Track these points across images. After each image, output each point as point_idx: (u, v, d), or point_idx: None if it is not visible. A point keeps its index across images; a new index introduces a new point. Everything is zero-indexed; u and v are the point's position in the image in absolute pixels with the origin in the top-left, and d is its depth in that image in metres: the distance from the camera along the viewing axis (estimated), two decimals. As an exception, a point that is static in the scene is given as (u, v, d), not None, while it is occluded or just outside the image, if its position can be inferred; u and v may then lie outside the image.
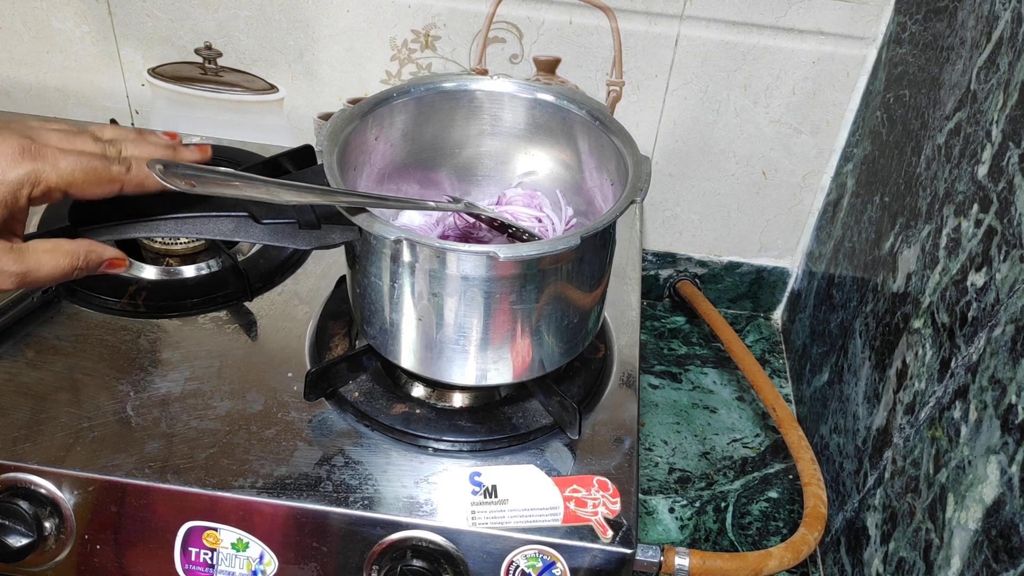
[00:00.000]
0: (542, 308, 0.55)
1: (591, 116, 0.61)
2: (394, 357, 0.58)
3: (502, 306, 0.53)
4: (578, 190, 0.66)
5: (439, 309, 0.54)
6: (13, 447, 0.57)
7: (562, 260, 0.53)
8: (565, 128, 0.63)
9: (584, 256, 0.55)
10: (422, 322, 0.55)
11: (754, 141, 0.84)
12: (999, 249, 0.49)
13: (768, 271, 0.94)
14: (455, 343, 0.55)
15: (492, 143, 0.66)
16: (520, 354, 0.57)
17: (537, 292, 0.54)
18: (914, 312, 0.60)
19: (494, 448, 0.60)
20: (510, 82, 0.63)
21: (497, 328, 0.55)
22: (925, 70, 0.65)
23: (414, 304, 0.54)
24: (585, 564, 0.55)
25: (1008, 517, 0.44)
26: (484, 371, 0.57)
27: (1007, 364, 0.46)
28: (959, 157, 0.57)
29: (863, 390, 0.68)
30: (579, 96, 0.63)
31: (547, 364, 0.59)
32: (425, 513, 0.55)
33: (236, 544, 0.56)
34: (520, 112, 0.64)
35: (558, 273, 0.54)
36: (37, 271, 0.46)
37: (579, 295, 0.57)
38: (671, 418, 0.84)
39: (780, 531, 0.74)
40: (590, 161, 0.63)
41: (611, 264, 0.60)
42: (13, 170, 0.44)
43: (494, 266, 0.51)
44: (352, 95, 0.86)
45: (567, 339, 0.59)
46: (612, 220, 0.52)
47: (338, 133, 0.57)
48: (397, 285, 0.54)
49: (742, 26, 0.77)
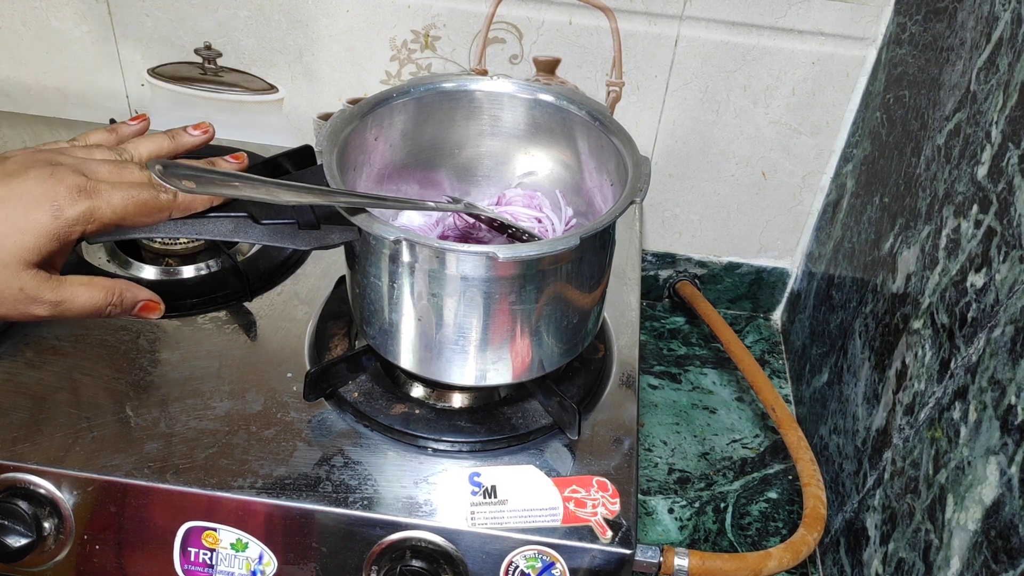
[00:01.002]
0: (542, 308, 0.55)
1: (591, 116, 0.61)
2: (394, 357, 0.58)
3: (501, 306, 0.53)
4: (578, 191, 0.66)
5: (438, 309, 0.54)
6: (12, 447, 0.56)
7: (562, 260, 0.53)
8: (565, 129, 0.63)
9: (584, 256, 0.55)
10: (421, 322, 0.55)
11: (754, 142, 0.84)
12: (999, 250, 0.49)
13: (768, 272, 0.94)
14: (454, 343, 0.55)
15: (492, 143, 0.66)
16: (519, 354, 0.57)
17: (537, 292, 0.54)
18: (914, 313, 0.60)
19: (493, 448, 0.60)
20: (510, 82, 0.63)
21: (496, 328, 0.55)
22: (925, 71, 0.65)
23: (413, 304, 0.54)
24: (584, 564, 0.55)
25: (1007, 518, 0.44)
26: (483, 371, 0.57)
27: (1007, 365, 0.46)
28: (959, 158, 0.57)
29: (863, 391, 0.68)
30: (579, 96, 0.63)
31: (547, 364, 0.59)
32: (424, 513, 0.55)
33: (235, 544, 0.56)
34: (520, 112, 0.64)
35: (558, 273, 0.54)
36: (72, 302, 0.48)
37: (579, 295, 0.57)
38: (670, 418, 0.84)
39: (779, 532, 0.74)
40: (590, 162, 0.63)
41: (611, 264, 0.60)
42: (71, 208, 0.45)
43: (493, 266, 0.51)
44: (352, 95, 0.86)
45: (567, 339, 0.59)
46: (612, 221, 0.52)
47: (337, 133, 0.57)
48: (396, 285, 0.54)
49: (742, 27, 0.77)
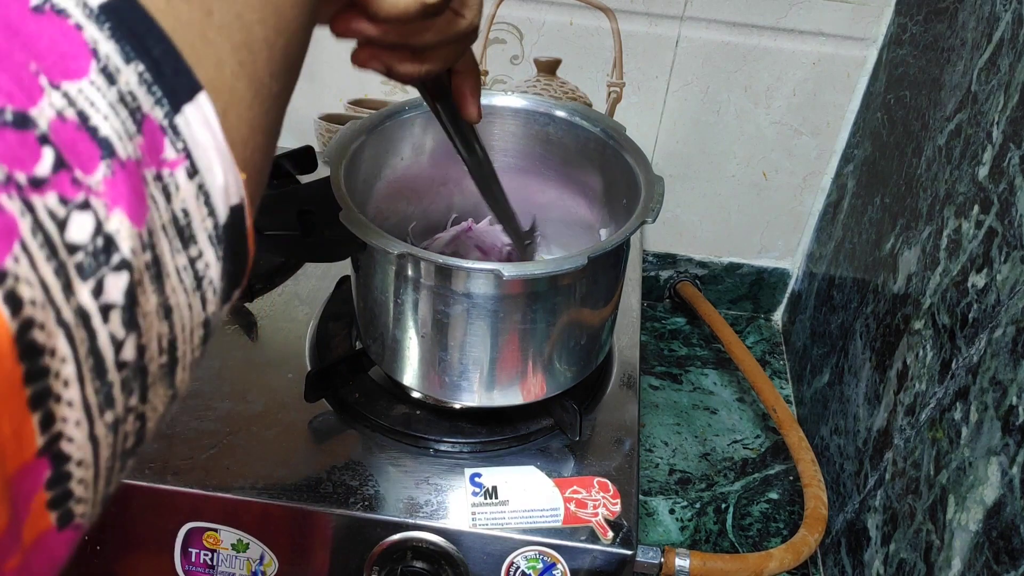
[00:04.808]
0: (550, 328, 0.54)
1: (605, 134, 0.61)
2: (393, 372, 0.58)
3: (506, 325, 0.53)
4: (590, 207, 0.65)
5: (441, 326, 0.53)
6: (13, 448, 0.56)
7: (569, 280, 0.53)
8: (578, 145, 0.63)
9: (596, 276, 0.54)
10: (424, 339, 0.55)
11: (754, 142, 0.84)
12: (1000, 250, 0.49)
13: (768, 272, 0.94)
14: (458, 362, 0.55)
15: (503, 159, 0.66)
16: (525, 376, 0.57)
17: (545, 312, 0.53)
18: (914, 313, 0.60)
19: (495, 449, 0.60)
20: (523, 98, 0.63)
21: (502, 348, 0.54)
22: (926, 71, 0.65)
23: (415, 320, 0.54)
24: (585, 565, 0.55)
25: (1009, 518, 0.44)
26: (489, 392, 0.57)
27: (1008, 365, 0.46)
28: (960, 158, 0.57)
29: (863, 391, 0.68)
30: (593, 114, 0.62)
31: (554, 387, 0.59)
32: (425, 514, 0.55)
33: (236, 545, 0.56)
34: (533, 128, 0.64)
35: (568, 292, 0.53)
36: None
37: (590, 314, 0.56)
38: (671, 419, 0.84)
39: (780, 532, 0.74)
40: (602, 179, 0.63)
41: (623, 282, 0.60)
42: None
43: (499, 284, 0.51)
44: (352, 96, 0.86)
45: (577, 361, 0.58)
46: (622, 241, 0.51)
47: (346, 147, 0.56)
48: (400, 300, 0.54)
49: (742, 27, 0.77)
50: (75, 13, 0.18)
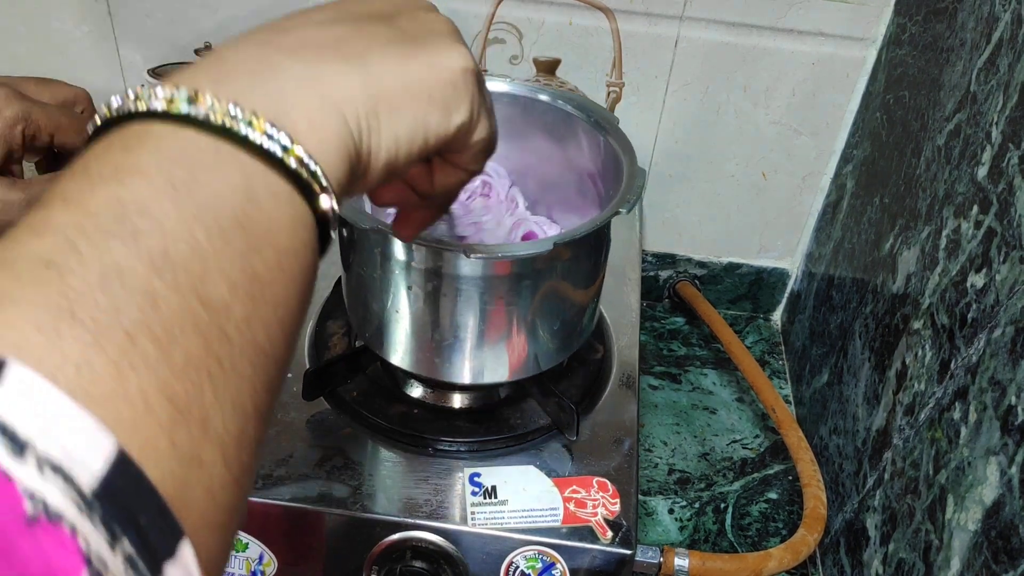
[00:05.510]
0: (533, 307, 0.55)
1: (595, 123, 0.61)
2: (379, 349, 0.59)
3: (473, 303, 0.54)
4: (578, 190, 0.66)
5: (415, 302, 0.54)
6: (12, 447, 0.56)
7: (541, 264, 0.53)
8: (568, 131, 0.63)
9: (578, 257, 0.55)
10: (399, 314, 0.55)
11: (754, 142, 0.84)
12: (999, 250, 0.49)
13: (768, 272, 0.94)
14: (430, 338, 0.56)
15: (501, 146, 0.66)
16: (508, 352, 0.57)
17: (514, 293, 0.54)
18: (914, 313, 0.60)
19: (494, 449, 0.60)
20: (506, 83, 0.63)
21: (486, 326, 0.55)
22: (925, 71, 0.65)
23: (391, 295, 0.55)
24: (585, 565, 0.55)
25: (1008, 518, 0.44)
26: (479, 369, 0.57)
27: (1007, 365, 0.46)
28: (959, 158, 0.57)
29: (863, 391, 0.68)
30: (579, 98, 0.63)
31: (542, 363, 0.59)
32: (424, 514, 0.55)
33: (236, 544, 0.56)
34: (519, 111, 0.64)
35: (541, 276, 0.54)
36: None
37: (571, 293, 0.57)
38: (671, 419, 0.84)
39: (779, 532, 0.74)
40: (588, 165, 0.63)
41: (605, 265, 0.60)
42: (7, 108, 0.49)
43: (468, 264, 0.51)
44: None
45: (561, 337, 0.59)
46: (591, 229, 0.51)
47: None
48: (378, 277, 0.54)
49: (742, 27, 0.77)
50: (69, 513, 0.18)
